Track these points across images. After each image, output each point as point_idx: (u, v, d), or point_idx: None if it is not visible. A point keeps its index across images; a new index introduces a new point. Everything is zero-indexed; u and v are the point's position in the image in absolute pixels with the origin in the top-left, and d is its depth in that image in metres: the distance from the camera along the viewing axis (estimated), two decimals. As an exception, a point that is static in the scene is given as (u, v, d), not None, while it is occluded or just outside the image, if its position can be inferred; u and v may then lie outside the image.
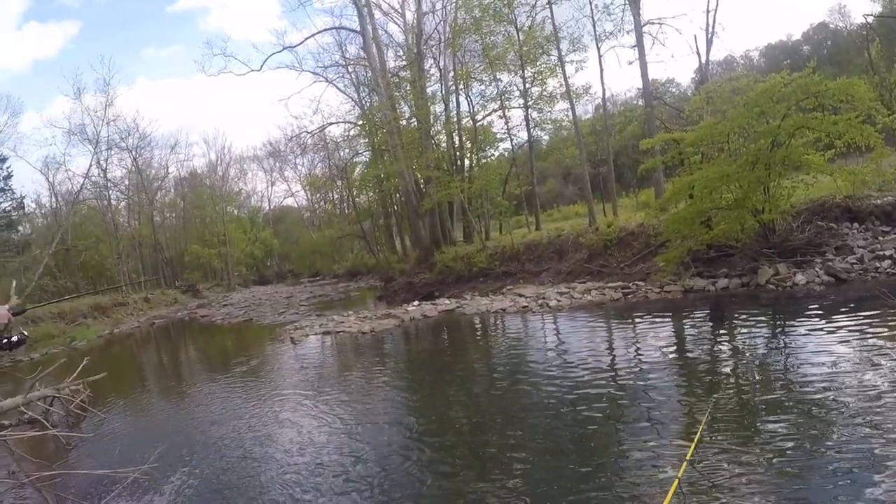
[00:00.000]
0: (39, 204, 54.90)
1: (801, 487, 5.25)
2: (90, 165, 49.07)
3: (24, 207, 46.84)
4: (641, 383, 9.02)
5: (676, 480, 4.83)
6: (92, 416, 11.85)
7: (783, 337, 10.94)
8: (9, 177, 44.14)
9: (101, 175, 51.41)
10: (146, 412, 12.78)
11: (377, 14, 38.17)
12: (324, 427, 9.16)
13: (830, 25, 57.88)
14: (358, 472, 7.11)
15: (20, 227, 45.42)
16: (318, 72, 41.10)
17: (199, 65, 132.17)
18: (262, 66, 43.65)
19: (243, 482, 7.31)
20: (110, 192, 54.52)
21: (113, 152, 52.96)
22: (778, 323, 12.13)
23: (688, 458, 5.27)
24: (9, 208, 44.03)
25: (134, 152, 56.51)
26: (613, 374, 9.99)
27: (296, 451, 8.15)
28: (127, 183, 58.61)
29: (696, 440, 5.70)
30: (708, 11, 27.89)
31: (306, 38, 47.23)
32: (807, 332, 10.65)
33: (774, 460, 5.73)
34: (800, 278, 15.10)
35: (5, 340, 2.84)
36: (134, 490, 7.37)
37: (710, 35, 28.21)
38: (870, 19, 30.41)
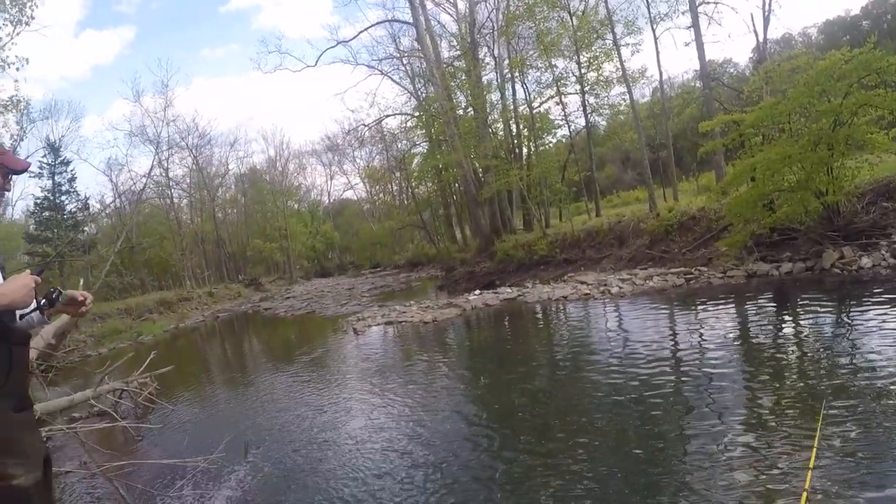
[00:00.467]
0: (104, 204, 56.37)
1: (869, 491, 4.98)
2: (152, 165, 50.37)
3: (88, 208, 48.09)
4: (707, 372, 8.96)
5: (805, 494, 4.52)
6: (160, 408, 12.28)
7: (849, 323, 10.73)
8: (73, 179, 45.43)
9: (163, 174, 52.80)
10: (212, 403, 13.17)
11: (429, 5, 38.46)
12: (388, 415, 9.39)
13: (890, -1, 56.38)
14: (424, 457, 7.29)
15: (86, 228, 46.56)
16: (373, 65, 41.51)
17: (255, 62, 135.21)
18: (317, 62, 44.46)
19: (310, 468, 7.54)
20: (172, 190, 56.03)
21: (174, 152, 54.36)
22: (844, 308, 11.89)
23: (811, 465, 4.94)
24: (74, 209, 45.25)
25: (194, 151, 57.81)
26: (678, 362, 9.97)
27: (361, 438, 8.37)
28: (188, 181, 59.98)
29: (814, 446, 5.24)
30: (764, -11, 27.41)
31: (360, 32, 47.56)
32: (873, 317, 10.37)
33: (845, 460, 5.47)
34: (865, 261, 14.80)
35: (43, 301, 3.04)
36: (202, 478, 7.62)
37: (766, 13, 27.70)
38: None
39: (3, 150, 3.11)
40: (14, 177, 3.20)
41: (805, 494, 4.48)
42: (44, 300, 3.02)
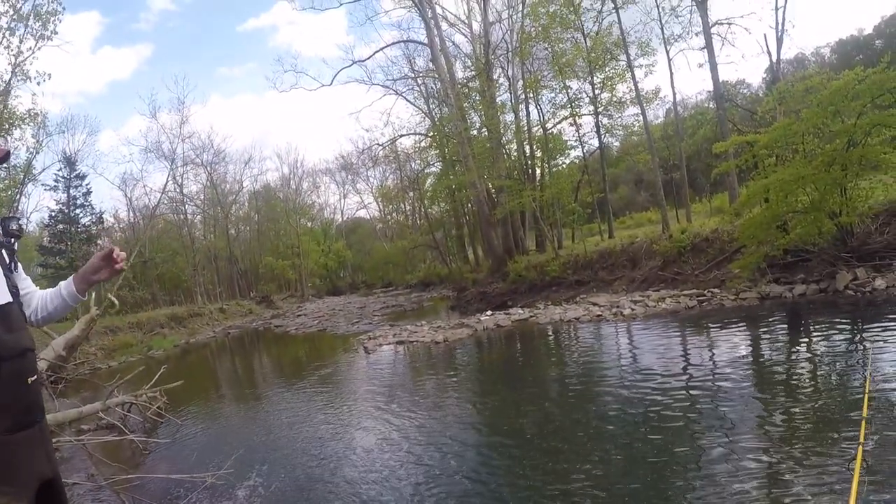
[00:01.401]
0: (118, 218, 57.01)
1: None
2: (167, 181, 50.65)
3: (102, 222, 48.57)
4: (719, 395, 8.86)
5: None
6: (168, 423, 12.24)
7: (863, 346, 10.57)
8: (88, 193, 45.78)
9: (178, 190, 53.33)
10: (221, 419, 13.14)
11: (444, 25, 38.62)
12: (397, 434, 9.29)
13: (903, 18, 56.25)
14: (432, 478, 7.22)
15: (99, 241, 46.82)
16: (388, 85, 41.79)
17: (271, 81, 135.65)
18: (332, 81, 44.70)
19: (318, 486, 7.48)
20: (186, 206, 56.47)
21: (188, 168, 54.94)
22: (857, 330, 11.77)
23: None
24: (88, 223, 45.52)
25: (209, 168, 58.32)
26: (689, 385, 9.84)
27: (369, 457, 8.30)
28: (202, 197, 60.48)
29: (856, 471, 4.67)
30: (777, 9, 27.27)
31: (375, 52, 48.02)
32: (888, 340, 10.29)
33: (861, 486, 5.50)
34: (879, 283, 14.65)
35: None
36: (210, 494, 7.60)
37: (779, 33, 27.63)
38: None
39: None
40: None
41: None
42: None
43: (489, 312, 23.49)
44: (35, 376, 2.89)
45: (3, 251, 2.96)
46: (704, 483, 5.97)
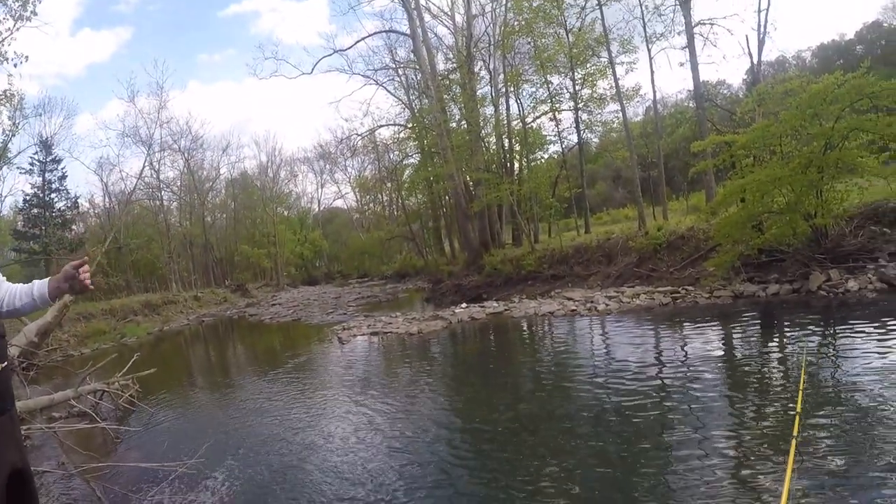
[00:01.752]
0: (93, 204, 56.27)
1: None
2: (143, 166, 50.14)
3: (78, 207, 48.05)
4: (690, 390, 8.91)
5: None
6: (140, 411, 12.09)
7: (834, 345, 10.72)
8: (63, 177, 45.36)
9: (154, 176, 52.80)
10: (194, 407, 13.02)
11: (427, 17, 38.48)
12: (369, 426, 9.25)
13: (884, 24, 56.88)
14: (403, 469, 7.18)
15: (74, 226, 46.51)
16: (369, 75, 41.59)
17: (251, 68, 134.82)
18: (313, 70, 44.39)
19: (289, 477, 7.42)
20: (162, 192, 56.03)
21: (165, 154, 54.44)
22: (829, 330, 11.90)
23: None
24: (63, 208, 45.14)
25: (186, 154, 57.83)
26: (661, 380, 9.90)
27: (340, 449, 8.25)
28: (179, 184, 60.14)
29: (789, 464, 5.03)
30: (759, 11, 27.42)
31: (356, 42, 47.60)
32: (859, 340, 10.39)
33: (826, 479, 5.56)
34: (852, 285, 14.80)
35: None
36: (181, 483, 7.51)
37: (761, 35, 27.77)
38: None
39: None
40: None
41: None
42: None
43: (464, 305, 23.47)
44: (6, 363, 2.83)
45: None
46: (671, 475, 6.02)
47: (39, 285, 3.05)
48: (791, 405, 7.60)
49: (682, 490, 5.70)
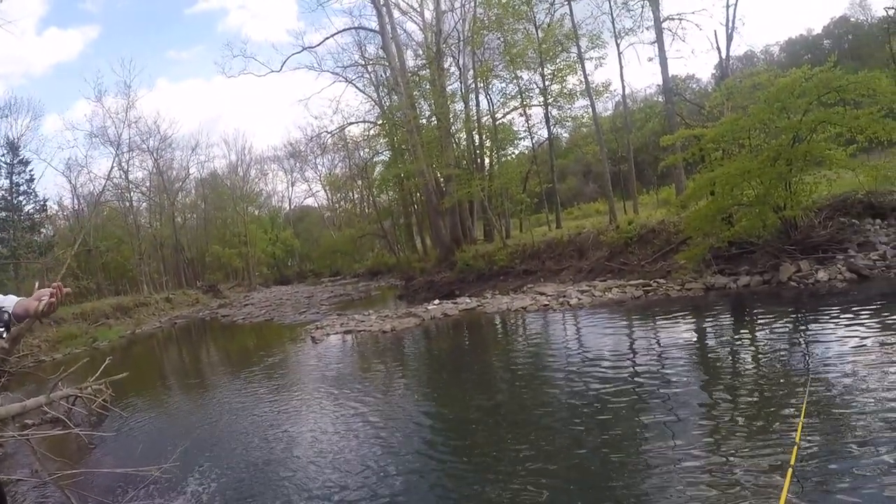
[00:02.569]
0: (62, 206, 55.50)
1: (825, 490, 5.12)
2: (112, 167, 49.37)
3: (46, 209, 47.10)
4: (663, 382, 8.95)
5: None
6: (114, 416, 11.96)
7: (805, 335, 10.79)
8: (31, 179, 44.47)
9: (123, 177, 52.04)
10: (168, 411, 12.89)
11: (396, 13, 38.40)
12: (343, 426, 9.20)
13: (851, 19, 57.62)
14: (375, 472, 7.11)
15: (43, 229, 45.68)
16: (338, 72, 41.30)
17: (220, 66, 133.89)
18: (281, 67, 44.03)
19: (263, 480, 7.35)
20: (132, 193, 55.10)
21: (134, 154, 53.62)
22: (800, 320, 12.00)
23: (792, 463, 4.79)
24: (31, 210, 44.31)
25: (155, 154, 57.15)
26: (634, 373, 9.93)
27: (315, 451, 8.19)
28: (148, 184, 59.39)
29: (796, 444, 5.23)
30: (728, 6, 27.69)
31: (325, 39, 47.49)
32: (829, 329, 10.50)
33: (800, 463, 5.60)
34: (822, 275, 14.96)
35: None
36: (156, 488, 7.44)
37: (730, 30, 28.05)
38: (891, 12, 29.99)
39: None
40: None
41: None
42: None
43: (437, 302, 23.46)
44: None
45: None
46: (646, 468, 6.03)
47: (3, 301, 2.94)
48: (766, 394, 7.67)
49: (655, 475, 5.72)
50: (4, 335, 2.77)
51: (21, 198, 43.69)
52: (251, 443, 8.92)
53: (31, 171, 44.34)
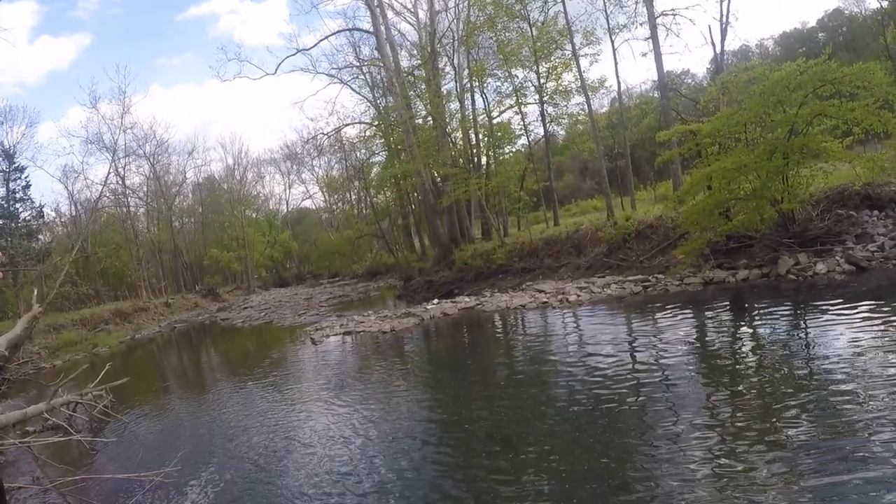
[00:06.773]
0: (59, 212, 55.48)
1: (825, 480, 5.15)
2: (108, 173, 49.13)
3: (43, 216, 47.03)
4: (664, 379, 8.98)
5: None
6: (115, 421, 11.96)
7: (805, 327, 10.84)
8: (27, 186, 44.41)
9: (120, 182, 51.91)
10: (168, 416, 12.85)
11: (390, 14, 38.26)
12: (345, 428, 9.18)
13: (845, 12, 57.62)
14: (378, 473, 7.14)
15: (40, 236, 45.66)
16: (333, 74, 41.19)
17: (214, 70, 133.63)
18: (276, 70, 43.88)
19: (265, 483, 7.36)
20: (129, 199, 55.10)
21: (130, 160, 53.43)
22: (799, 313, 12.02)
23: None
24: (28, 217, 44.25)
25: (151, 159, 57.05)
26: (635, 369, 9.94)
27: (316, 453, 8.21)
28: (145, 189, 59.22)
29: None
30: (722, 1, 27.72)
31: (320, 41, 47.39)
32: (829, 322, 10.55)
33: (799, 455, 5.64)
34: (820, 267, 14.99)
35: None
36: (157, 493, 7.44)
37: (724, 25, 28.06)
38: (885, 4, 30.07)
39: None
40: None
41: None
42: None
43: (436, 301, 23.47)
44: None
45: None
46: (646, 468, 6.03)
47: None
48: (767, 388, 7.68)
49: (656, 473, 5.72)
50: None
51: (17, 205, 43.63)
52: (252, 447, 8.92)
53: (27, 178, 44.29)
